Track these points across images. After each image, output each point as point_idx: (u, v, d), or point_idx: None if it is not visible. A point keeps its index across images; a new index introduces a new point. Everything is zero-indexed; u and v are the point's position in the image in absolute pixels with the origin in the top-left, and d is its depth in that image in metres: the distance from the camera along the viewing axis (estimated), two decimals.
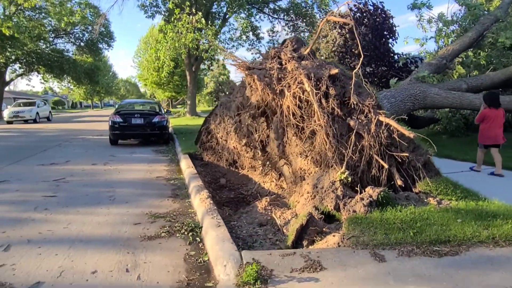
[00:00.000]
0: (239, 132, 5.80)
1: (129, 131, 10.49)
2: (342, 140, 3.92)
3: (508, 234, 2.84)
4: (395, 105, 6.44)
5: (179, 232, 3.60)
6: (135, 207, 4.45)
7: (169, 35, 16.89)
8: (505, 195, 3.91)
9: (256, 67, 4.47)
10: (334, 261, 2.62)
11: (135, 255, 3.05)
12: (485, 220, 3.10)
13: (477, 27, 8.35)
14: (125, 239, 3.40)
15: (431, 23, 9.88)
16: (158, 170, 6.96)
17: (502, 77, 7.87)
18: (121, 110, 11.03)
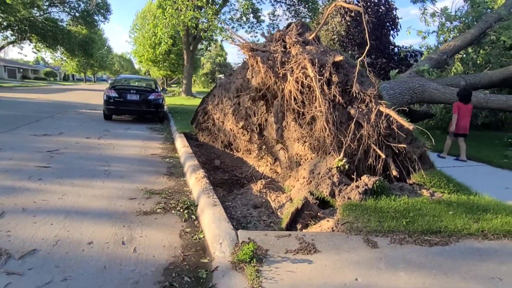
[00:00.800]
0: (237, 114, 5.77)
1: (124, 107, 10.34)
2: (342, 128, 3.94)
3: (497, 228, 2.93)
4: (393, 97, 6.47)
5: (175, 209, 3.62)
6: (130, 182, 4.45)
7: (168, 11, 16.47)
8: (496, 191, 4.01)
9: (259, 49, 4.42)
10: (328, 244, 2.68)
11: (131, 229, 3.07)
12: (476, 213, 3.18)
13: (480, 24, 8.34)
14: (121, 213, 3.41)
15: (434, 17, 9.83)
16: (153, 147, 6.92)
17: (500, 76, 7.94)
18: (117, 85, 10.85)
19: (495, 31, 7.88)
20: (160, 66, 35.40)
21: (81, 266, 2.42)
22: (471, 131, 9.35)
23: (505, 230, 2.92)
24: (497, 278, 2.30)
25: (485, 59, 9.09)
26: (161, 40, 18.79)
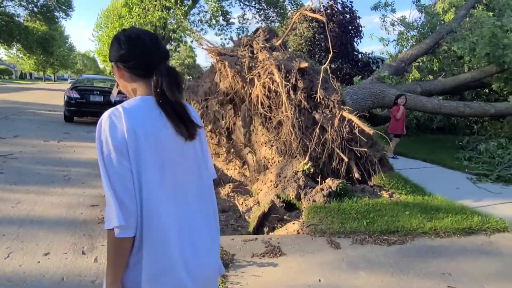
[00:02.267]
0: (205, 117, 5.73)
1: (87, 108, 9.90)
2: (307, 132, 4.05)
3: (448, 226, 3.15)
4: (356, 102, 6.73)
5: None
6: (92, 188, 4.28)
7: (134, 11, 16.03)
8: (447, 191, 4.30)
9: (227, 54, 4.44)
10: (294, 247, 2.75)
11: (92, 238, 2.95)
12: (429, 213, 3.40)
13: (434, 35, 8.93)
14: (81, 221, 3.28)
15: (394, 26, 10.37)
16: None
17: (452, 84, 8.54)
18: (79, 86, 10.37)
19: (447, 42, 8.46)
20: None
21: (36, 279, 2.30)
22: (426, 134, 9.98)
23: (454, 228, 3.15)
24: (447, 274, 2.48)
25: (439, 67, 9.72)
26: None
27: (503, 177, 5.24)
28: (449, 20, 9.35)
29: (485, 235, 3.16)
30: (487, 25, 7.31)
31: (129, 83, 1.06)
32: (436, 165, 6.14)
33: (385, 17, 10.11)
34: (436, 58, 9.68)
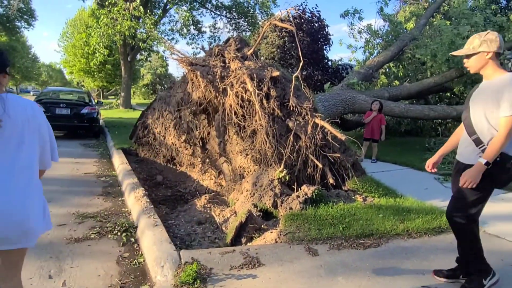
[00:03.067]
0: (178, 128, 5.65)
1: (53, 122, 9.25)
2: (281, 140, 4.08)
3: (419, 227, 3.26)
4: (328, 109, 6.90)
5: (111, 233, 3.39)
6: (59, 206, 4.06)
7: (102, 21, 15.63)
8: (417, 192, 4.47)
9: (199, 63, 4.41)
10: (272, 257, 2.73)
11: (59, 260, 2.79)
12: (401, 214, 3.51)
13: (398, 43, 9.38)
14: (47, 243, 3.09)
15: (361, 34, 10.80)
16: (87, 165, 6.43)
17: (416, 89, 8.97)
18: (44, 99, 9.93)
19: (410, 49, 8.91)
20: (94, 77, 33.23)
21: None
22: (395, 137, 10.38)
23: (425, 228, 3.26)
24: (421, 274, 2.55)
25: (404, 73, 10.19)
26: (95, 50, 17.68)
27: None
28: (411, 28, 9.86)
29: None
30: (446, 33, 7.77)
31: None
32: (406, 167, 6.38)
33: (352, 25, 10.51)
34: (401, 64, 10.14)
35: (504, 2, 12.43)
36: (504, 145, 2.08)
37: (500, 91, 2.10)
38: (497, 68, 2.21)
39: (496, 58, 2.21)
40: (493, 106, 2.13)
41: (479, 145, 2.21)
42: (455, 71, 8.45)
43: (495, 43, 2.15)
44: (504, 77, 2.15)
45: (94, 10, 18.49)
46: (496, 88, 2.14)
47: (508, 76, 2.15)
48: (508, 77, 2.14)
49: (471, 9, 9.64)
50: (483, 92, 2.25)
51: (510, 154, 2.15)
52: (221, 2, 20.31)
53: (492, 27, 9.31)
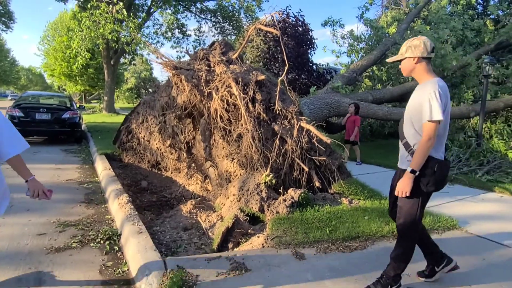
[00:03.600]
0: (163, 132, 5.57)
1: (32, 128, 9.18)
2: (267, 144, 4.08)
3: None
4: (314, 112, 6.96)
5: (94, 242, 3.30)
6: (39, 215, 3.93)
7: (84, 24, 15.32)
8: None
9: (183, 67, 4.37)
10: (259, 262, 2.71)
11: (39, 271, 2.69)
12: (386, 216, 3.54)
13: (380, 47, 9.57)
14: (26, 253, 2.98)
15: (344, 39, 10.98)
16: (69, 172, 6.26)
17: (399, 92, 9.16)
18: (23, 103, 9.62)
19: (392, 53, 9.10)
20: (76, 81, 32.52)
21: None
22: (379, 140, 10.56)
23: None
24: (406, 275, 2.58)
25: (388, 77, 10.40)
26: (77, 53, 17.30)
27: (449, 177, 5.65)
28: (393, 33, 10.08)
29: (437, 233, 3.36)
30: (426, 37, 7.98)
31: None
32: (390, 169, 6.48)
33: (335, 32, 10.68)
34: (384, 68, 10.35)
35: (480, 8, 12.90)
36: (427, 151, 2.07)
37: (422, 95, 2.12)
38: (424, 73, 2.20)
39: (425, 62, 2.20)
40: (417, 110, 2.15)
41: (408, 149, 2.22)
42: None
43: (418, 49, 2.18)
44: (428, 82, 2.16)
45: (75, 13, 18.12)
46: (420, 93, 2.16)
47: (431, 81, 2.15)
48: (430, 82, 2.14)
49: (449, 15, 9.95)
50: (412, 96, 2.27)
51: (436, 157, 2.15)
52: (205, 6, 20.27)
53: (470, 31, 9.64)
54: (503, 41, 9.30)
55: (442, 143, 2.20)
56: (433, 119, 2.03)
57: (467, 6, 10.86)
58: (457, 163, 6.22)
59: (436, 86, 2.08)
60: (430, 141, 2.06)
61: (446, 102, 2.10)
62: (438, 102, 2.03)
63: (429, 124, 2.05)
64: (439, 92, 2.06)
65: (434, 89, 2.06)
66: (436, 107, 2.02)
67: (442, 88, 2.09)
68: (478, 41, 9.95)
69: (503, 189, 5.04)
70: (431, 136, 2.05)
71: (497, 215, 4.08)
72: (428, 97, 2.06)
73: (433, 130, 2.05)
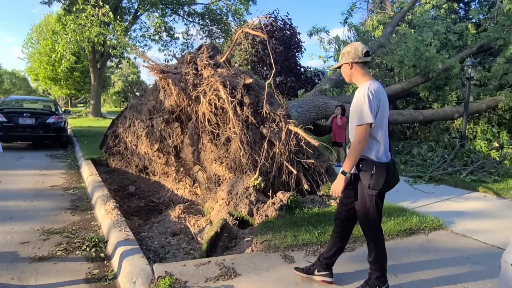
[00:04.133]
0: (151, 137, 5.51)
1: (16, 133, 8.96)
2: (256, 147, 4.08)
3: (391, 229, 3.35)
4: (302, 114, 7.00)
5: (80, 249, 3.23)
6: (22, 222, 3.82)
7: (69, 27, 15.08)
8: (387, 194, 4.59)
9: (170, 71, 4.34)
10: (248, 266, 2.69)
11: (22, 281, 2.62)
12: None
13: None
14: (9, 262, 2.89)
15: (331, 44, 11.11)
16: (54, 178, 6.12)
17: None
18: (5, 108, 9.38)
19: (378, 56, 9.25)
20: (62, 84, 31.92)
21: None
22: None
23: (397, 230, 3.35)
24: (394, 276, 2.61)
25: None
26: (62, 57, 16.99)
27: (435, 178, 5.76)
28: (379, 36, 10.26)
29: (424, 234, 3.42)
30: (411, 40, 8.15)
31: None
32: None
33: (322, 39, 10.83)
34: (371, 70, 10.50)
35: (462, 12, 13.25)
36: (358, 153, 2.11)
37: (356, 99, 2.18)
38: (361, 77, 2.24)
39: (360, 66, 2.23)
40: (354, 114, 2.19)
41: None
42: (420, 77, 8.85)
43: (350, 55, 2.22)
44: (361, 86, 2.20)
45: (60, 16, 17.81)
46: (355, 97, 2.21)
47: (363, 85, 2.18)
48: (362, 86, 2.18)
49: (433, 18, 10.19)
50: (353, 100, 2.28)
51: (374, 159, 2.17)
52: (193, 9, 20.23)
53: (453, 35, 9.88)
54: (484, 44, 9.56)
55: (382, 145, 2.19)
56: (362, 122, 2.08)
57: (449, 11, 11.14)
58: (442, 164, 6.35)
59: (367, 89, 2.11)
60: (360, 144, 2.10)
61: (379, 104, 2.13)
62: (368, 105, 2.07)
63: (359, 127, 2.10)
64: (369, 94, 2.09)
65: (365, 93, 2.10)
66: (366, 110, 2.07)
67: (374, 91, 2.12)
68: (460, 44, 10.21)
69: (487, 189, 5.16)
70: (361, 138, 2.09)
71: (481, 214, 4.17)
72: (360, 100, 2.11)
73: (363, 133, 2.09)
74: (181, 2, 19.51)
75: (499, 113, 9.54)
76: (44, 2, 17.07)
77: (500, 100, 8.37)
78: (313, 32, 10.37)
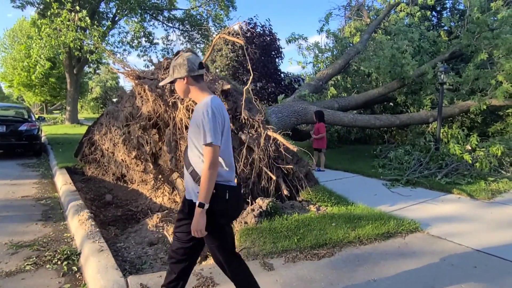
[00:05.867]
0: (128, 144, 5.37)
1: None
2: (234, 153, 4.04)
3: (370, 233, 3.38)
4: (282, 120, 7.02)
5: (50, 263, 3.08)
6: None
7: (44, 31, 14.63)
8: (367, 198, 4.67)
9: (147, 77, 4.26)
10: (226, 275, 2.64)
11: None
12: (353, 222, 3.62)
13: (345, 56, 9.93)
14: None
15: (310, 50, 11.29)
16: (25, 188, 5.86)
17: (363, 99, 9.50)
18: None
19: (356, 62, 9.46)
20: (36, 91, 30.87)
21: None
22: (346, 145, 10.86)
23: (375, 234, 3.39)
24: (372, 280, 2.63)
25: (352, 85, 10.78)
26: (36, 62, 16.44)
27: (411, 181, 5.89)
28: (356, 43, 10.49)
29: (401, 237, 3.47)
30: (387, 47, 8.37)
31: None
32: (356, 174, 6.66)
33: (300, 46, 11.00)
34: (349, 76, 10.72)
35: (435, 20, 13.78)
36: (213, 178, 1.82)
37: (196, 117, 1.89)
38: (198, 92, 1.97)
39: (196, 80, 1.97)
40: (197, 134, 1.89)
41: (196, 179, 1.92)
42: (397, 82, 9.10)
43: (184, 68, 1.93)
44: (201, 102, 1.93)
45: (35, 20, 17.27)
46: (195, 114, 1.92)
47: (203, 101, 1.92)
48: (203, 102, 1.91)
49: (407, 26, 10.53)
50: (192, 118, 1.99)
51: (222, 183, 1.92)
52: (173, 15, 20.10)
53: (426, 42, 10.23)
54: (456, 51, 9.95)
55: (228, 165, 1.98)
56: (207, 142, 1.81)
57: (423, 18, 11.55)
58: (419, 167, 6.51)
59: (208, 105, 1.86)
60: (213, 167, 1.81)
61: (223, 121, 1.92)
62: (211, 124, 1.82)
63: (207, 148, 1.82)
64: (212, 112, 1.84)
65: (206, 110, 1.84)
66: (209, 129, 1.81)
67: (216, 107, 1.88)
68: (434, 50, 10.59)
69: (461, 191, 5.31)
70: (213, 161, 1.81)
71: (456, 216, 4.28)
72: (202, 118, 1.84)
73: (213, 153, 1.81)
74: (160, 8, 19.35)
75: (471, 117, 9.93)
76: (17, 6, 16.53)
77: (471, 104, 8.71)
78: (291, 39, 10.51)
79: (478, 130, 9.50)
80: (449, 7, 14.08)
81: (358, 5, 13.92)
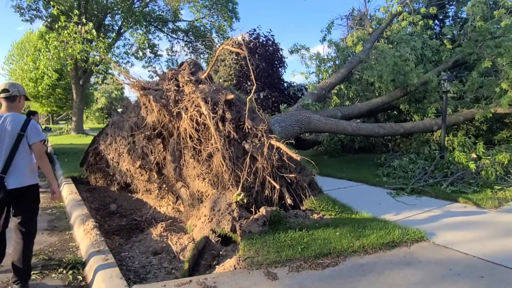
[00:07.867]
0: (133, 153, 5.42)
1: None
2: (238, 163, 4.07)
3: (374, 242, 3.36)
4: (285, 129, 7.04)
5: (56, 272, 3.10)
6: None
7: (52, 44, 14.93)
8: (372, 207, 4.64)
9: (152, 88, 4.33)
10: (230, 285, 2.64)
11: None
12: (357, 231, 3.60)
13: (347, 65, 9.98)
14: None
15: (312, 60, 11.37)
16: None
17: (366, 108, 9.50)
18: None
19: (358, 71, 9.50)
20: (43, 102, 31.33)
21: None
22: (350, 154, 10.82)
23: (380, 243, 3.37)
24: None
25: (355, 93, 10.80)
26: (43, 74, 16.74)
27: (416, 189, 5.85)
28: (359, 52, 10.56)
29: (406, 246, 3.44)
30: (389, 55, 8.42)
31: None
32: (360, 183, 6.62)
33: (303, 55, 11.10)
34: (351, 85, 10.75)
35: (437, 28, 13.83)
36: None
37: None
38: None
39: None
40: None
41: None
42: (400, 91, 9.10)
43: None
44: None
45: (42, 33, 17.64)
46: None
47: None
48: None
49: (410, 34, 10.58)
50: None
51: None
52: (177, 26, 20.42)
53: (429, 50, 10.26)
54: (459, 59, 9.96)
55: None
56: None
57: (425, 27, 11.60)
58: (424, 176, 6.47)
59: None
60: None
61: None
62: None
63: None
64: None
65: None
66: None
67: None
68: (437, 59, 10.61)
69: (467, 199, 5.26)
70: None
71: (462, 225, 4.24)
72: None
73: None
74: (165, 20, 19.69)
75: (476, 125, 9.87)
76: (26, 20, 16.92)
77: (476, 112, 8.67)
78: (294, 49, 10.60)
79: (484, 138, 9.42)
80: (451, 16, 14.13)
81: (361, 14, 14.03)
